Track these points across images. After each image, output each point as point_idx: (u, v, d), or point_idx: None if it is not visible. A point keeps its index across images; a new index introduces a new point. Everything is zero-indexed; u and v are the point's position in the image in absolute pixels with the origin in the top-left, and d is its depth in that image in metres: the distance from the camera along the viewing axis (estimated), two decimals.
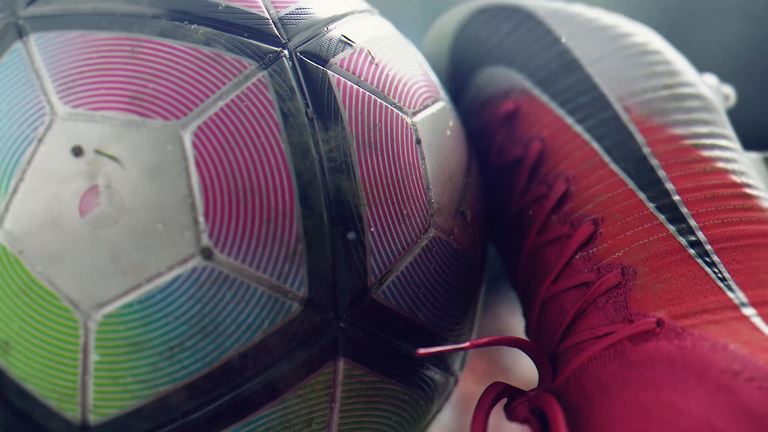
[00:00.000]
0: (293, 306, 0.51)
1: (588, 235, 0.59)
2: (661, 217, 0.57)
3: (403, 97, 0.58)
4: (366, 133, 0.54)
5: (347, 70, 0.56)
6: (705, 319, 0.51)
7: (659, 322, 0.52)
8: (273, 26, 0.55)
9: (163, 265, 0.49)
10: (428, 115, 0.60)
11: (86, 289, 0.49)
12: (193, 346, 0.50)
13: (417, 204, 0.56)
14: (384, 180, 0.54)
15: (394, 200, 0.55)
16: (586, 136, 0.63)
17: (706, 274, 0.54)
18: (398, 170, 0.55)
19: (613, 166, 0.60)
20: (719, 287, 0.53)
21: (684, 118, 0.62)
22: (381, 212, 0.54)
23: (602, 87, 0.64)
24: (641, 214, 0.58)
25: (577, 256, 0.60)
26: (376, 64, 0.58)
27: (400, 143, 0.56)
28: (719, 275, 0.54)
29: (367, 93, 0.56)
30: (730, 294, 0.53)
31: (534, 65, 0.68)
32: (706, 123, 0.62)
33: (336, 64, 0.56)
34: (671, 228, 0.56)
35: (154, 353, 0.49)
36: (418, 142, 0.57)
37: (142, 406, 0.51)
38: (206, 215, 0.49)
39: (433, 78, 0.65)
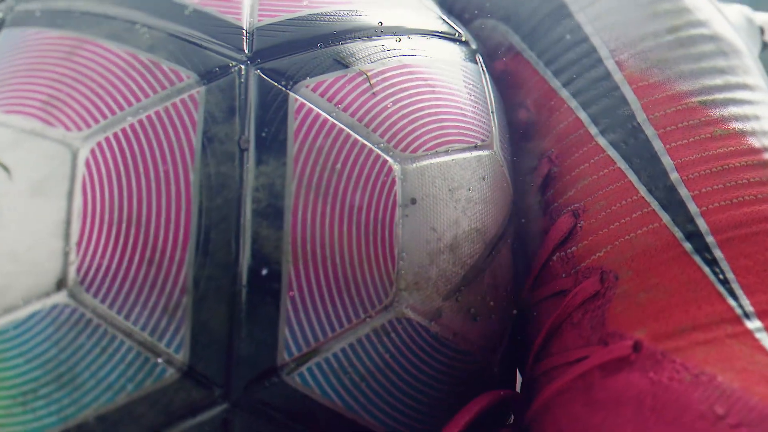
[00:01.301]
0: (167, 371, 0.42)
1: (566, 230, 0.48)
2: (654, 203, 0.45)
3: (398, 136, 0.46)
4: (316, 174, 0.43)
5: (322, 95, 0.45)
6: (694, 339, 0.41)
7: (636, 346, 0.42)
8: (242, 36, 0.46)
9: (21, 296, 0.42)
10: (439, 164, 0.46)
11: None
12: (48, 396, 0.42)
13: (374, 272, 0.43)
14: (325, 234, 0.43)
15: (336, 262, 0.43)
16: (573, 103, 0.51)
17: (704, 275, 0.42)
18: (353, 226, 0.43)
19: (601, 140, 0.48)
20: (718, 293, 0.42)
21: (691, 69, 0.48)
22: (311, 274, 0.42)
23: (593, 38, 0.52)
24: (630, 201, 0.46)
25: (555, 257, 0.49)
26: (374, 93, 0.46)
27: (368, 192, 0.44)
28: (720, 276, 0.42)
29: (339, 125, 0.44)
30: (731, 302, 0.41)
31: (521, 16, 0.57)
32: (720, 72, 0.48)
33: (308, 86, 0.45)
34: (665, 216, 0.45)
35: (7, 396, 0.42)
36: (406, 196, 0.45)
37: None
38: (78, 246, 0.42)
39: (489, 121, 0.51)
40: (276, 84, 0.45)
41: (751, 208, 0.43)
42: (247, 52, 0.45)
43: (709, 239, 0.43)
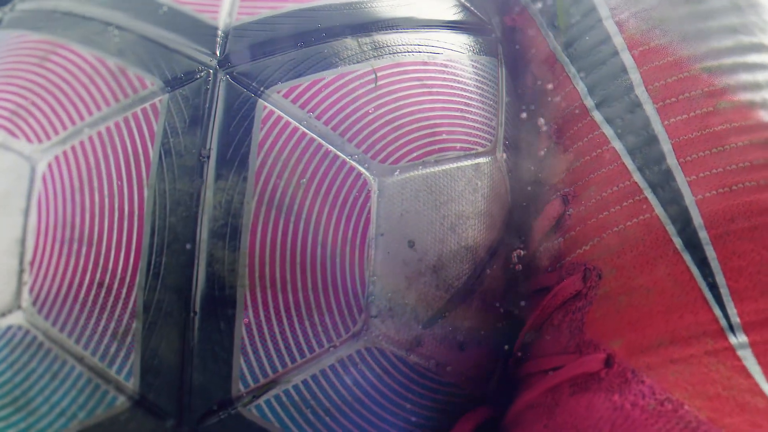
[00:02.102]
0: (118, 399, 0.39)
1: (554, 217, 0.43)
2: (647, 190, 0.39)
3: (378, 145, 0.41)
4: (279, 190, 0.40)
5: (295, 101, 0.41)
6: (669, 356, 0.36)
7: (608, 361, 0.37)
8: (215, 37, 0.43)
9: None
10: (425, 175, 0.42)
11: None
12: (7, 419, 0.41)
13: (340, 298, 0.40)
14: (286, 256, 0.39)
15: (297, 287, 0.39)
16: (571, 70, 0.45)
17: (691, 277, 0.37)
18: (317, 247, 0.40)
19: (596, 115, 0.42)
20: (704, 299, 0.36)
21: (697, 29, 0.42)
22: (268, 299, 0.39)
23: None
24: (622, 186, 0.40)
25: (542, 248, 0.44)
26: (355, 97, 0.42)
27: (336, 209, 0.40)
28: (709, 279, 0.36)
29: (310, 135, 0.41)
30: (716, 311, 0.36)
31: None
32: (731, 31, 0.41)
33: (280, 92, 0.41)
34: (658, 207, 0.39)
35: None
36: (381, 213, 0.41)
37: None
38: (32, 265, 0.40)
39: (496, 122, 0.45)
40: (245, 90, 0.41)
41: (752, 197, 0.37)
42: (218, 55, 0.42)
43: (702, 235, 0.37)
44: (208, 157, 0.40)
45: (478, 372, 0.43)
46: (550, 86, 0.46)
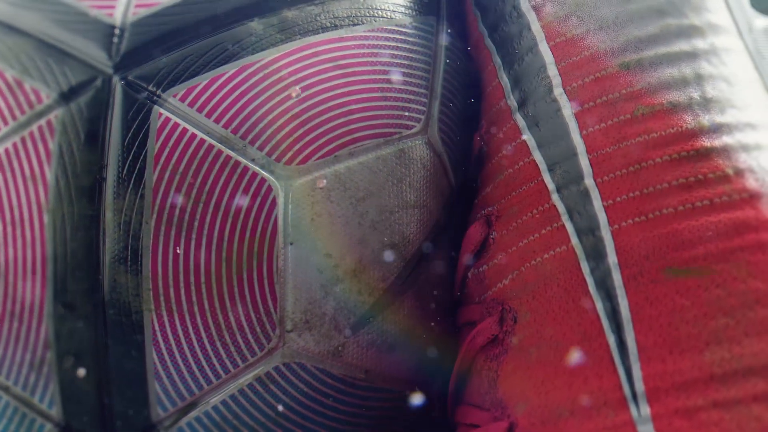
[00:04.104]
0: (46, 427, 0.39)
1: (478, 241, 0.38)
2: (565, 215, 0.34)
3: (283, 145, 0.38)
4: (178, 206, 0.37)
5: (192, 104, 0.38)
6: (568, 431, 0.30)
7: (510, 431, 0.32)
8: (112, 37, 0.40)
9: None
10: (337, 172, 0.38)
11: None
12: None
13: (250, 315, 0.38)
14: (189, 276, 0.37)
15: (204, 307, 0.38)
16: (497, 59, 0.39)
17: (601, 330, 0.31)
18: (222, 263, 0.37)
19: (518, 119, 0.37)
20: (611, 359, 0.30)
21: (615, 14, 0.35)
22: (176, 322, 0.38)
23: None
24: (542, 209, 0.35)
25: (470, 274, 0.38)
26: (258, 92, 0.39)
27: (240, 221, 0.38)
28: (617, 334, 0.30)
29: (209, 141, 0.38)
30: (621, 373, 0.30)
31: None
32: (657, 13, 0.34)
33: (177, 95, 0.38)
34: (574, 237, 0.33)
35: None
36: (288, 220, 0.38)
37: None
38: None
39: (429, 97, 0.41)
40: (140, 96, 0.39)
41: (668, 228, 0.31)
42: (114, 57, 0.39)
43: (615, 276, 0.31)
44: (105, 176, 0.38)
45: (415, 374, 0.41)
46: (481, 74, 0.40)
